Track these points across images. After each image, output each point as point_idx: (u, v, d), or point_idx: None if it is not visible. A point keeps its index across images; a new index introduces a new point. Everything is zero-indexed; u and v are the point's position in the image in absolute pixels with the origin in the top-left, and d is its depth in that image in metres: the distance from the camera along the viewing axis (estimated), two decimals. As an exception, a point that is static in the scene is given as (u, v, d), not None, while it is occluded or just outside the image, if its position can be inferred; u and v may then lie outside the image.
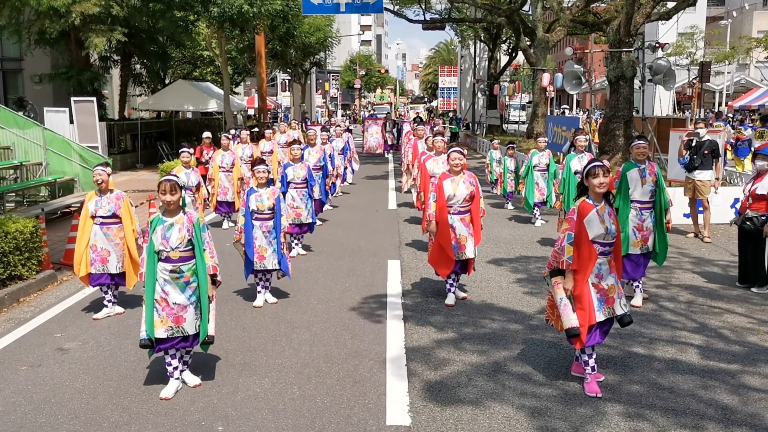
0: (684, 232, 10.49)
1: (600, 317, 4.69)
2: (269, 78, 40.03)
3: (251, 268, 6.83)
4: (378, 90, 77.97)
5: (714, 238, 10.08)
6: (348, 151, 15.41)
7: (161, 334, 4.74)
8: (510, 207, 13.23)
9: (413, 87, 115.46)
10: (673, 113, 30.84)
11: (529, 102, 34.54)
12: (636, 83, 17.19)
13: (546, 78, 21.10)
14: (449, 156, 6.68)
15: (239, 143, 12.79)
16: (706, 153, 9.80)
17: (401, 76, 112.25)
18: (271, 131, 15.26)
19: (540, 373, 5.15)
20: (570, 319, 4.64)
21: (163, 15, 20.30)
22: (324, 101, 62.66)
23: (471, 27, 34.54)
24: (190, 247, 4.78)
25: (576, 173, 8.75)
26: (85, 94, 18.56)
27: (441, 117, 39.21)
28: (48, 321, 6.57)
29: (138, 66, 26.02)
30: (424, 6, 30.39)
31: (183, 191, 5.01)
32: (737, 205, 9.20)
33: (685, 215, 10.75)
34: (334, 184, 12.92)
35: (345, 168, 15.21)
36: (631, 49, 17.05)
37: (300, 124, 23.80)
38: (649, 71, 15.42)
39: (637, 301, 6.79)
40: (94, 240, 6.54)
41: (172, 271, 4.74)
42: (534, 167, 11.34)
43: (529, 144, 20.60)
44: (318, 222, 10.30)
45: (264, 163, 6.99)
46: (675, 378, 5.04)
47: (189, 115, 30.40)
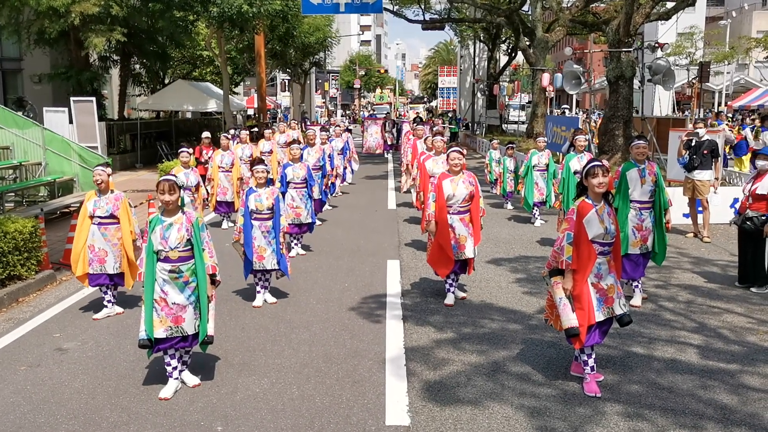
0: (683, 231, 10.49)
1: (599, 317, 4.69)
2: (269, 78, 40.01)
3: (250, 268, 6.84)
4: (377, 90, 77.92)
5: (713, 237, 10.08)
6: (347, 151, 15.41)
7: (160, 334, 4.74)
8: (509, 207, 13.23)
9: (413, 87, 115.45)
10: (673, 113, 30.82)
11: (529, 102, 34.58)
12: (635, 83, 17.18)
13: (545, 78, 21.10)
14: (449, 156, 6.68)
15: (239, 143, 12.79)
16: (705, 153, 9.81)
17: (401, 76, 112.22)
18: (271, 131, 15.28)
19: (539, 373, 5.15)
20: (569, 319, 4.65)
21: (163, 15, 20.31)
22: (323, 101, 62.68)
23: (470, 27, 34.54)
24: (189, 247, 4.78)
25: (575, 173, 8.75)
26: (85, 94, 18.56)
27: (440, 117, 39.14)
28: (47, 321, 6.57)
29: (137, 66, 26.01)
30: (423, 6, 30.39)
31: (182, 191, 5.01)
32: (737, 205, 9.20)
33: (685, 215, 10.76)
34: (333, 184, 12.94)
35: (344, 168, 15.21)
36: (631, 49, 17.06)
37: (299, 124, 23.75)
38: (649, 71, 15.43)
39: (637, 301, 6.79)
40: (91, 240, 6.54)
41: (171, 271, 4.74)
42: (533, 167, 11.35)
43: (529, 144, 20.59)
44: (317, 222, 10.30)
45: (263, 163, 6.99)
46: (674, 378, 5.04)
47: (188, 115, 30.39)
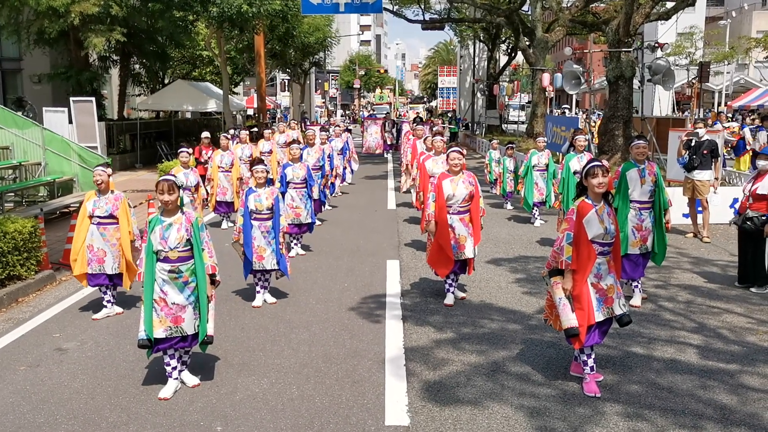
0: (683, 232, 10.49)
1: (599, 317, 4.69)
2: (268, 78, 39.99)
3: (250, 268, 6.84)
4: (377, 90, 77.94)
5: (713, 238, 10.08)
6: (347, 151, 15.41)
7: (160, 334, 4.73)
8: (509, 207, 13.23)
9: (413, 87, 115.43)
10: (673, 113, 30.83)
11: (529, 102, 34.55)
12: (635, 83, 17.18)
13: (545, 78, 21.10)
14: (448, 156, 6.68)
15: (238, 143, 12.79)
16: (705, 153, 9.81)
17: (400, 76, 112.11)
18: (271, 131, 15.29)
19: (539, 373, 5.15)
20: (569, 319, 4.65)
21: (162, 15, 20.30)
22: (323, 101, 62.68)
23: (470, 27, 34.53)
24: (188, 247, 4.78)
25: (575, 173, 8.75)
26: (84, 94, 18.55)
27: (440, 117, 39.15)
28: (47, 321, 6.57)
29: (137, 66, 26.00)
30: (423, 6, 30.38)
31: (181, 191, 5.01)
32: (736, 205, 9.20)
33: (684, 215, 10.76)
34: (333, 184, 12.93)
35: (344, 168, 15.21)
36: (631, 49, 17.05)
37: (299, 124, 23.74)
38: (649, 71, 15.43)
39: (636, 301, 6.79)
40: (90, 240, 6.54)
41: (170, 271, 4.74)
42: (533, 167, 11.35)
43: (529, 144, 20.59)
44: (317, 222, 10.30)
45: (263, 163, 6.99)
46: (674, 378, 5.04)
47: (188, 115, 30.38)
